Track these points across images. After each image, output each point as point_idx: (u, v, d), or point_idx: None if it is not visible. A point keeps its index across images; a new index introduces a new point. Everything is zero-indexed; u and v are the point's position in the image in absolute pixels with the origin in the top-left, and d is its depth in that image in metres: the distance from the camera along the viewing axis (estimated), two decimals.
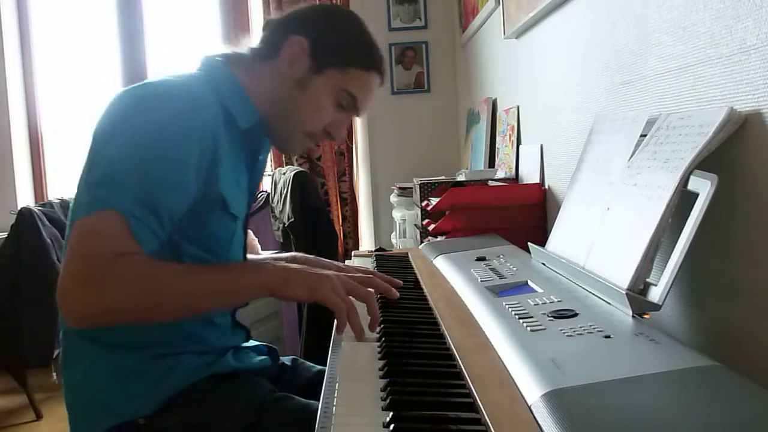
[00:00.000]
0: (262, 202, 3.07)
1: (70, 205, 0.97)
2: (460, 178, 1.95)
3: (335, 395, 0.69)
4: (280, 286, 0.91)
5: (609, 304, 0.85)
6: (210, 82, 1.02)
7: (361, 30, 1.10)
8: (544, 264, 1.14)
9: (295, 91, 1.05)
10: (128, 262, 0.83)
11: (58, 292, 0.82)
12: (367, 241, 3.33)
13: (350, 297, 0.92)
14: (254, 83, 1.06)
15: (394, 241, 2.76)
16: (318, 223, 2.37)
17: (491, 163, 2.27)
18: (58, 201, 2.74)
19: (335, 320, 0.92)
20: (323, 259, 1.24)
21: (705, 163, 0.81)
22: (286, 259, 1.26)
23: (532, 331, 0.77)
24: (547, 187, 1.66)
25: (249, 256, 1.23)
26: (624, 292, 0.80)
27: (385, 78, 1.12)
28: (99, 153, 0.92)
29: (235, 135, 1.02)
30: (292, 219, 2.33)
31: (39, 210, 2.57)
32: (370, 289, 0.97)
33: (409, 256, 1.46)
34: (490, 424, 0.58)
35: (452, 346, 0.81)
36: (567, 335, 0.75)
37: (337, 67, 1.05)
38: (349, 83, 1.07)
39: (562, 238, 1.13)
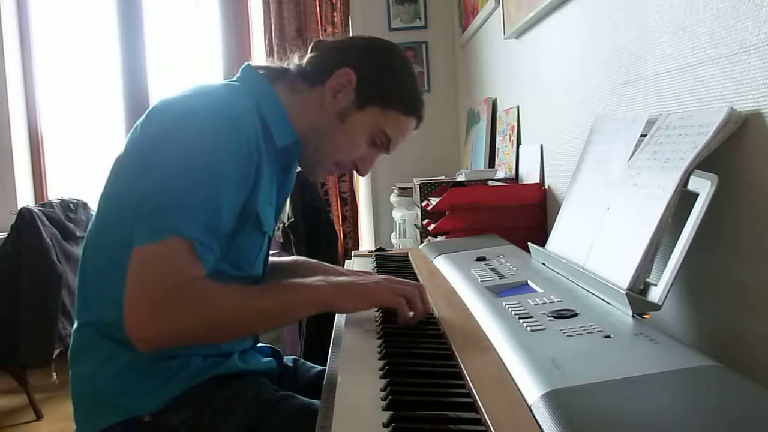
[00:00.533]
0: None
1: (98, 205, 0.98)
2: (460, 178, 1.95)
3: (335, 395, 0.69)
4: (336, 300, 0.94)
5: (609, 304, 0.85)
6: (251, 95, 1.01)
7: (409, 74, 1.11)
8: (544, 264, 1.14)
9: (334, 121, 1.06)
10: (196, 287, 0.86)
11: (127, 319, 0.83)
12: (367, 241, 3.33)
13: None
14: (295, 104, 1.06)
15: (394, 241, 2.76)
16: (318, 223, 2.37)
17: (491, 163, 2.27)
18: (58, 201, 2.74)
19: (338, 319, 0.92)
20: (327, 264, 1.25)
21: (705, 163, 0.81)
22: (288, 264, 1.26)
23: (532, 331, 0.77)
24: (547, 187, 1.66)
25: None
26: (624, 292, 0.80)
27: (421, 123, 1.13)
28: (149, 167, 0.91)
29: (271, 152, 1.02)
30: (292, 219, 2.33)
31: (39, 210, 2.57)
32: (414, 284, 1.00)
33: (409, 256, 1.46)
34: (490, 424, 0.58)
35: (452, 346, 0.81)
36: (567, 335, 0.75)
37: (379, 107, 1.06)
38: (387, 124, 1.08)
39: (562, 238, 1.13)
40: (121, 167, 0.96)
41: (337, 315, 1.02)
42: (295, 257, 1.31)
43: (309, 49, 1.12)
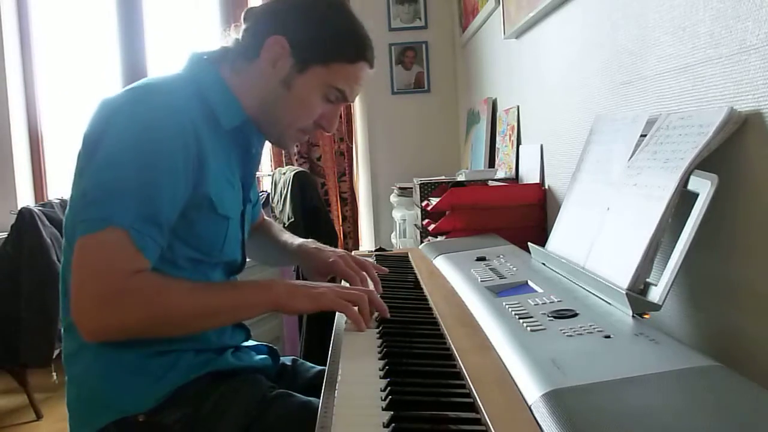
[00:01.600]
0: (262, 202, 3.07)
1: (67, 209, 0.99)
2: (460, 178, 1.95)
3: (335, 395, 0.69)
4: (287, 301, 0.95)
5: (609, 304, 0.85)
6: (195, 82, 1.01)
7: (343, 20, 1.06)
8: (544, 264, 1.14)
9: (281, 90, 1.04)
10: (141, 280, 0.87)
11: (74, 312, 0.85)
12: (367, 241, 3.33)
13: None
14: (241, 83, 1.05)
15: (394, 241, 2.77)
16: (318, 223, 2.36)
17: (491, 163, 2.27)
18: (58, 201, 2.74)
19: (338, 319, 0.94)
20: (327, 246, 1.26)
21: (705, 163, 0.81)
22: (292, 248, 1.28)
23: (532, 331, 0.77)
24: (547, 187, 1.66)
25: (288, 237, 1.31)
26: (624, 292, 0.80)
27: (374, 62, 1.08)
28: (89, 163, 0.92)
29: (222, 134, 1.02)
30: (292, 219, 2.33)
31: (39, 210, 2.57)
32: (364, 290, 1.01)
33: (409, 256, 1.46)
34: (490, 424, 0.58)
35: (452, 346, 0.81)
36: (567, 335, 0.75)
37: (320, 64, 1.03)
38: (336, 78, 1.04)
39: (562, 238, 1.13)
40: (75, 169, 0.97)
41: (337, 315, 1.02)
42: (302, 240, 1.31)
43: (242, 21, 1.09)
